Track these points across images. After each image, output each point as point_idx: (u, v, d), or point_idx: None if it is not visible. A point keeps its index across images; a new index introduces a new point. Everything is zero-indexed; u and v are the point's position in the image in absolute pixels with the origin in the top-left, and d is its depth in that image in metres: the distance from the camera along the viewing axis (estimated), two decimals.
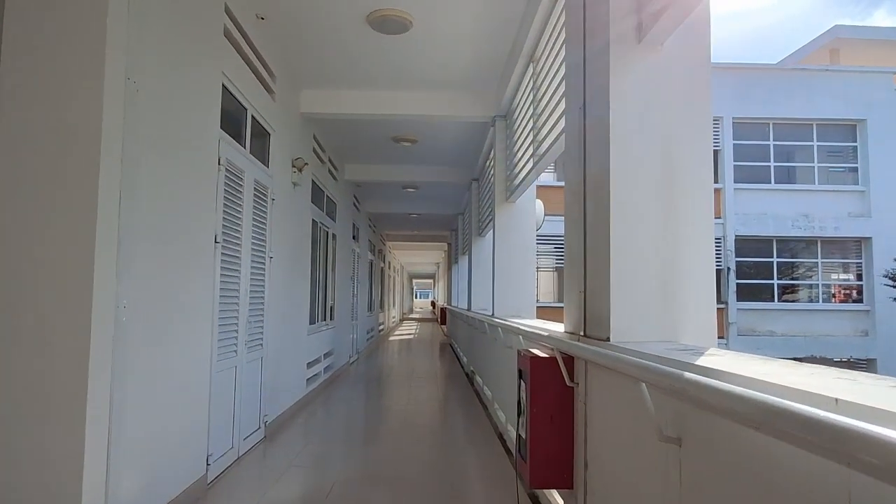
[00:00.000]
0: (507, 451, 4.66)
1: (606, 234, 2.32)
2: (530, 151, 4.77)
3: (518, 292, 6.02)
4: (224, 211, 3.93)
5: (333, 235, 8.59)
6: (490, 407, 6.09)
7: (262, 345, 4.88)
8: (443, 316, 21.88)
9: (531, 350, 3.07)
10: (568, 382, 2.73)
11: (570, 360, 2.79)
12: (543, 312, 8.72)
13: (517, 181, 5.61)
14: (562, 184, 12.71)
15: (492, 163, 6.96)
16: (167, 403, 3.10)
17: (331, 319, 8.45)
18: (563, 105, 3.50)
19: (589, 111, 2.63)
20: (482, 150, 7.78)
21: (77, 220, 2.39)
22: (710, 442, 1.49)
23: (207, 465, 3.69)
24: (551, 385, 2.78)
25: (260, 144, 4.98)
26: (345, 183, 9.58)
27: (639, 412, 1.90)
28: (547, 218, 8.97)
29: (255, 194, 4.61)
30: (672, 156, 2.32)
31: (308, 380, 6.84)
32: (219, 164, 3.80)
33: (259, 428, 4.86)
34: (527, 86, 4.95)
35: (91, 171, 2.40)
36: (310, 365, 6.93)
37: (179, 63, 3.21)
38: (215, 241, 3.75)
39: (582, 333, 2.63)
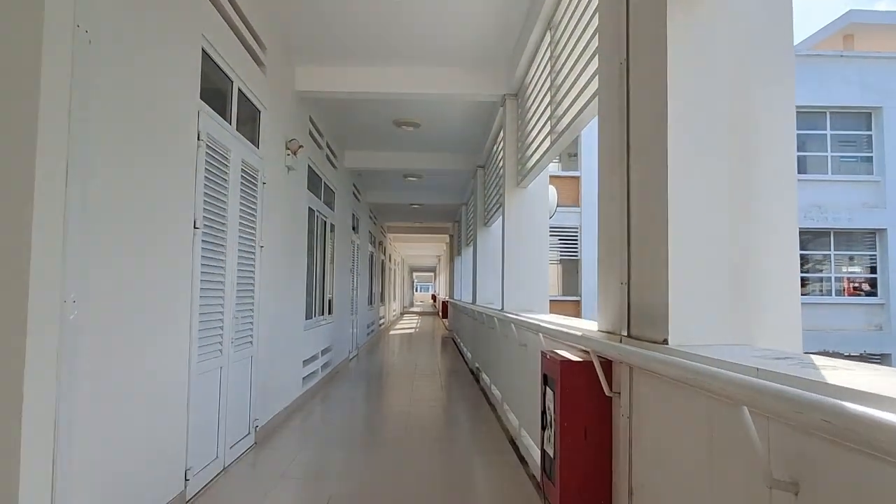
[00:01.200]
0: (521, 459, 4.23)
1: (663, 211, 1.87)
2: (547, 128, 4.31)
3: (530, 285, 5.58)
4: (205, 193, 3.48)
5: (332, 225, 8.14)
6: (499, 408, 5.66)
7: (252, 342, 4.44)
8: (444, 310, 21.48)
9: (558, 352, 2.63)
10: (607, 391, 2.29)
11: (608, 365, 2.35)
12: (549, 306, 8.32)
13: (530, 164, 5.16)
14: (569, 173, 12.33)
15: (501, 146, 6.51)
16: (132, 415, 2.66)
17: (329, 314, 8.02)
18: (592, 67, 3.04)
19: (635, 65, 2.17)
20: (489, 133, 7.33)
21: (7, 194, 1.94)
22: (847, 491, 1.05)
23: (186, 480, 3.26)
24: (586, 394, 2.34)
25: (249, 123, 4.53)
26: (344, 171, 9.12)
27: (729, 442, 1.46)
28: None
29: (242, 177, 4.16)
30: (746, 111, 1.88)
31: (304, 378, 6.41)
32: (198, 139, 3.35)
33: (249, 434, 4.43)
34: (543, 55, 4.49)
35: (26, 136, 1.95)
36: (306, 362, 6.50)
37: (148, 18, 2.76)
38: (194, 227, 3.31)
39: (625, 333, 2.19)
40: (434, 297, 42.94)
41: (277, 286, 5.15)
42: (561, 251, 16.61)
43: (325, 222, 7.74)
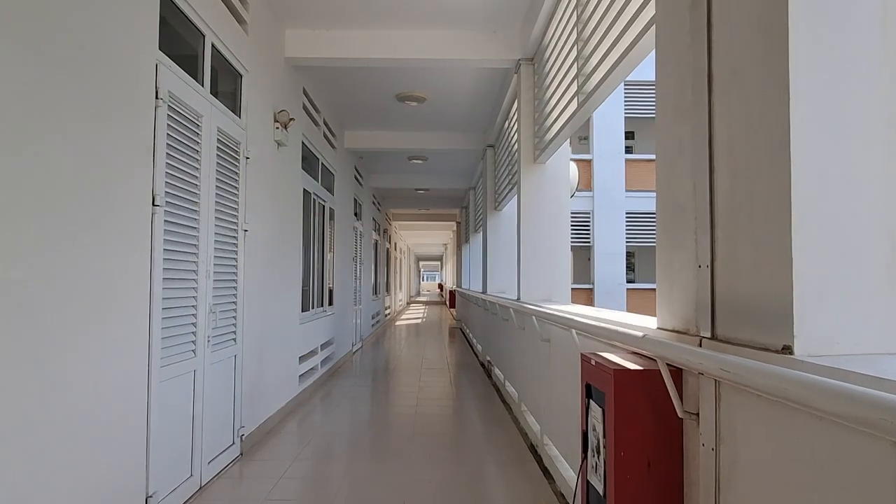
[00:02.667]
0: (545, 471, 3.66)
1: (780, 164, 1.28)
2: (573, 89, 3.71)
3: (550, 273, 4.99)
4: (169, 165, 2.91)
5: (331, 210, 7.57)
6: (515, 408, 5.10)
7: (235, 340, 3.89)
8: (451, 299, 20.94)
9: (607, 356, 2.05)
10: (679, 412, 1.72)
11: (677, 376, 1.77)
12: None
13: (549, 135, 4.56)
14: (580, 157, 11.59)
15: (514, 119, 5.90)
16: (60, 442, 2.10)
17: (330, 305, 7.47)
18: None
19: None
20: (500, 108, 6.71)
21: None
22: None
23: None
24: (650, 414, 1.77)
25: (228, 87, 3.95)
26: (344, 152, 8.53)
27: None
28: None
29: (220, 148, 3.58)
30: None
31: (301, 376, 5.87)
32: (156, 96, 2.77)
33: (233, 444, 3.88)
34: (567, 5, 3.87)
35: None
36: (303, 359, 5.95)
37: None
38: (153, 204, 2.74)
39: (707, 334, 1.61)
40: (441, 287, 42.44)
41: (267, 275, 4.59)
42: (572, 237, 16.01)
43: (324, 207, 7.17)
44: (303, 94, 5.82)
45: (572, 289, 5.24)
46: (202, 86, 3.36)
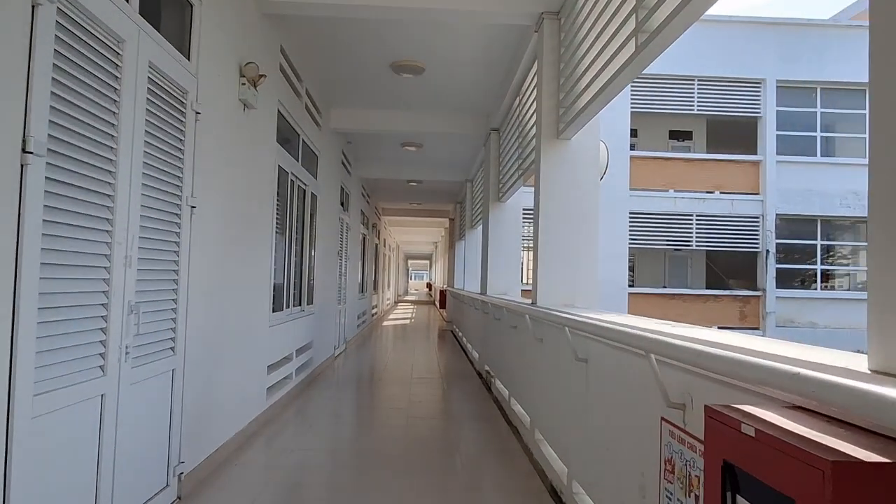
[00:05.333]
0: None
1: None
2: (628, 28, 2.82)
3: (574, 272, 4.11)
4: (59, 98, 1.98)
5: (313, 196, 6.64)
6: (527, 434, 4.21)
7: (173, 349, 2.96)
8: (442, 299, 20.03)
9: (771, 417, 1.14)
10: None
11: None
12: (530, 296, 6.74)
13: (581, 102, 3.68)
14: None
15: (531, 89, 5.02)
16: None
17: (309, 304, 6.54)
18: None
19: None
20: (510, 82, 5.80)
21: None
22: None
23: None
24: None
25: (173, 19, 3.03)
26: (331, 133, 7.60)
27: None
28: (530, 191, 7.02)
29: (153, 92, 2.66)
30: None
31: (270, 389, 4.94)
32: None
33: (166, 487, 2.95)
34: None
35: None
36: (273, 367, 5.02)
37: None
38: (24, 151, 1.81)
39: None
40: (430, 286, 41.55)
41: (225, 267, 3.67)
42: None
43: (305, 191, 6.24)
44: (280, 54, 4.89)
45: None
46: (126, 1, 2.44)
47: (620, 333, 1.96)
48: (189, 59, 3.08)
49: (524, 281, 11.33)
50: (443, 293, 19.80)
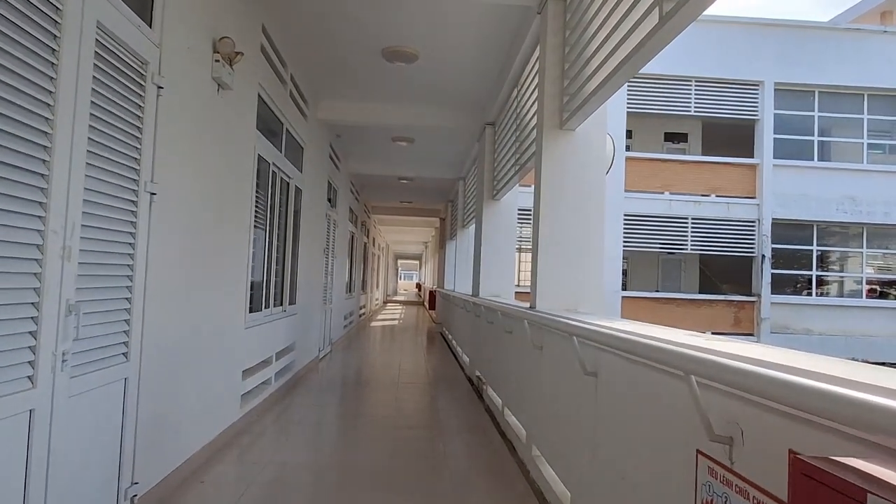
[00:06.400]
0: None
1: None
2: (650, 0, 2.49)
3: (579, 275, 3.78)
4: None
5: (298, 190, 6.27)
6: (523, 450, 3.87)
7: (126, 354, 2.59)
8: (431, 300, 19.68)
9: None
10: None
11: None
12: (524, 298, 6.27)
13: (588, 89, 3.36)
14: None
15: (532, 77, 4.69)
16: None
17: (291, 304, 6.17)
18: None
19: None
20: (508, 72, 5.46)
21: None
22: None
23: None
24: None
25: None
26: (318, 125, 7.24)
27: None
28: (525, 191, 6.76)
29: (103, 58, 2.30)
30: None
31: (245, 395, 4.57)
32: None
33: None
34: None
35: None
36: (249, 373, 4.65)
37: None
38: None
39: None
40: (419, 286, 41.20)
41: (192, 262, 3.30)
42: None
43: (289, 184, 5.87)
44: (261, 33, 4.52)
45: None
46: None
47: (651, 349, 1.62)
48: (151, 27, 2.71)
49: (517, 283, 11.00)
50: (432, 294, 19.46)
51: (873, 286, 14.88)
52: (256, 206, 4.65)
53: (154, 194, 2.73)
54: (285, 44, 5.20)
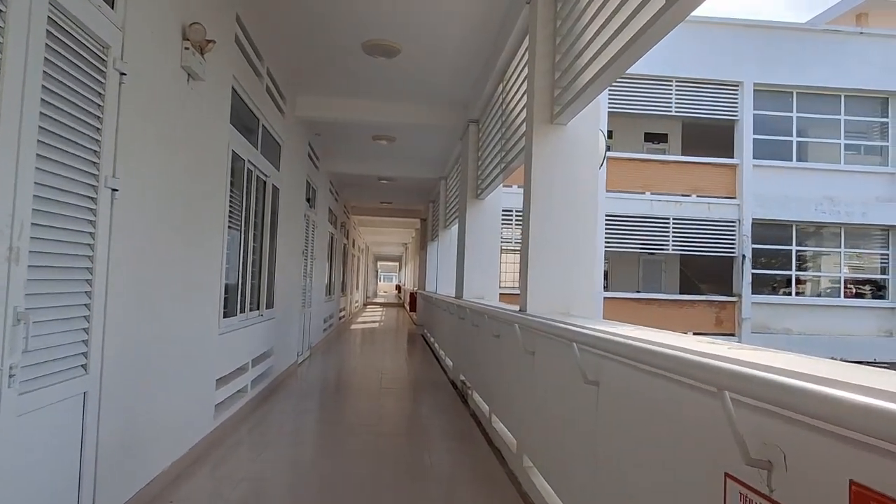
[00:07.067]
0: None
1: None
2: None
3: (570, 277, 3.62)
4: None
5: (275, 189, 6.03)
6: (513, 460, 3.70)
7: (85, 367, 2.36)
8: (412, 302, 19.46)
9: None
10: None
11: None
12: (507, 300, 6.47)
13: (582, 80, 3.20)
14: None
15: (520, 69, 4.52)
16: None
17: (268, 307, 5.92)
18: None
19: None
20: (494, 67, 5.28)
21: None
22: None
23: None
24: None
25: None
26: (296, 122, 7.00)
27: None
28: (507, 191, 6.59)
29: (55, 37, 2.07)
30: None
31: (220, 405, 4.33)
32: None
33: None
34: None
35: None
36: (224, 381, 4.41)
37: None
38: None
39: None
40: (399, 288, 40.91)
41: (159, 264, 3.07)
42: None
43: (265, 183, 5.63)
44: (235, 22, 4.29)
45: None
46: None
47: (679, 361, 1.44)
48: (113, 8, 2.48)
49: (502, 284, 10.86)
50: (413, 296, 19.24)
51: (850, 286, 15.02)
52: (231, 206, 4.42)
53: (116, 190, 2.50)
54: (261, 35, 4.97)
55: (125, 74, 2.54)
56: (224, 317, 4.32)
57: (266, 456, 3.96)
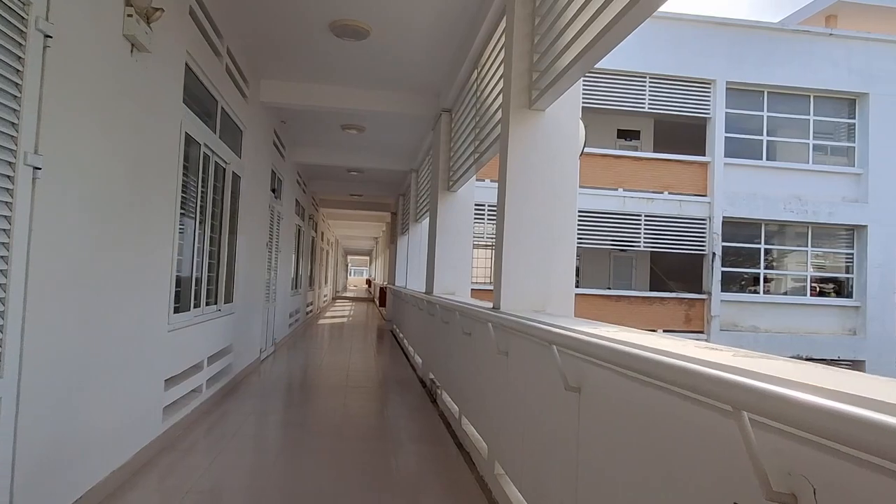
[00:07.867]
0: None
1: None
2: None
3: (546, 272, 3.41)
4: None
5: (236, 176, 5.70)
6: (483, 465, 3.48)
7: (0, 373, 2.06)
8: (382, 297, 19.17)
9: None
10: None
11: None
12: (479, 295, 6.40)
13: (560, 64, 3.00)
14: None
15: (496, 53, 4.29)
16: None
17: (227, 302, 5.60)
18: None
19: None
20: (467, 53, 5.04)
21: None
22: None
23: None
24: None
25: None
26: (260, 108, 6.67)
27: None
28: (480, 185, 6.39)
29: None
30: None
31: (169, 407, 4.02)
32: None
33: None
34: None
35: None
36: (174, 381, 4.10)
37: None
38: None
39: None
40: (369, 282, 40.52)
41: (95, 254, 2.76)
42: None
43: (225, 170, 5.30)
44: None
45: (489, 290, 3.78)
46: None
47: (687, 374, 1.22)
48: None
49: (473, 279, 10.64)
50: (383, 290, 18.94)
51: (814, 285, 15.21)
52: (185, 193, 4.10)
53: (39, 168, 2.19)
54: (219, 10, 4.64)
55: (50, 37, 2.23)
56: (175, 312, 4.01)
57: (219, 462, 3.67)
